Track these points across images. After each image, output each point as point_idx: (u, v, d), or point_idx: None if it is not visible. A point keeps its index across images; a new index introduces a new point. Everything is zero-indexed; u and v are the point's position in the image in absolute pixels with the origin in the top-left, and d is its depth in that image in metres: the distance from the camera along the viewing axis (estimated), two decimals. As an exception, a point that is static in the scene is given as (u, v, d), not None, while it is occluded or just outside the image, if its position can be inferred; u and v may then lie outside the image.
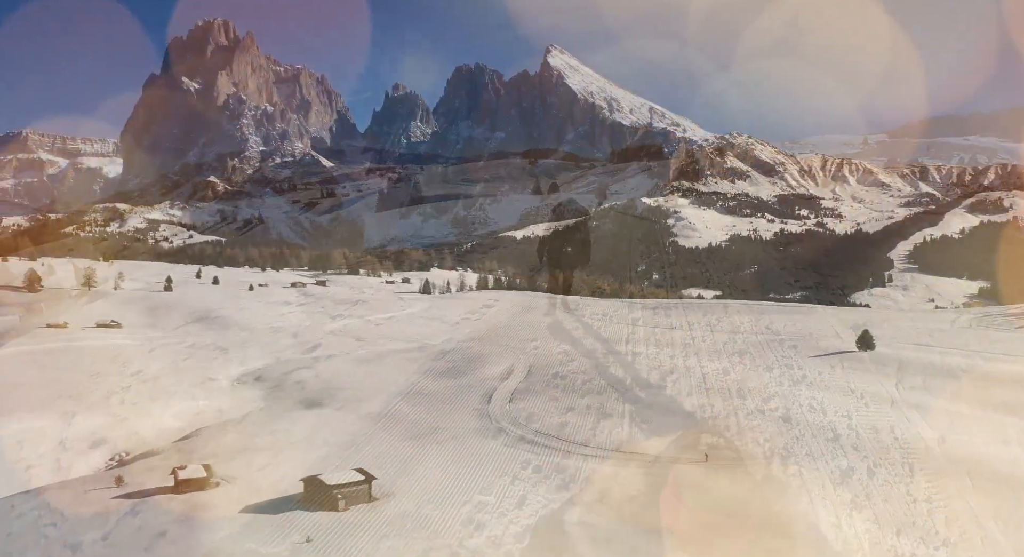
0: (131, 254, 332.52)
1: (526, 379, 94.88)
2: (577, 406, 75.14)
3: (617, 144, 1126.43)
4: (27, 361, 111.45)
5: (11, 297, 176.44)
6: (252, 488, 52.26)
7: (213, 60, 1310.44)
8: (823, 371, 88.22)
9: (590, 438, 63.28)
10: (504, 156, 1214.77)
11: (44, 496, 56.31)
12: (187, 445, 69.47)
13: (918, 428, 64.30)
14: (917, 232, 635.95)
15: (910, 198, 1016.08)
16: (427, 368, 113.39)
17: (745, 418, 66.60)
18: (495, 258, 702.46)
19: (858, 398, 75.25)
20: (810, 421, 65.15)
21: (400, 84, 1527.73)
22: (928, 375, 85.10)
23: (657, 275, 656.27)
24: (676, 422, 67.07)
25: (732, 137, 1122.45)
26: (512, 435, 66.05)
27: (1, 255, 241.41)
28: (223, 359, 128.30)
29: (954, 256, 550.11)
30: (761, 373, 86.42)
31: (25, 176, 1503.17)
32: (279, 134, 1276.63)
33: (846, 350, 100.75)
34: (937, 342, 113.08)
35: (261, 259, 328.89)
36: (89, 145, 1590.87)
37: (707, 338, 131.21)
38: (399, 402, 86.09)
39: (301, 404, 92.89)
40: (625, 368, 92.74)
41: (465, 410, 78.59)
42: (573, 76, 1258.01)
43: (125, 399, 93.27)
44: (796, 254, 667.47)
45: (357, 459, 58.91)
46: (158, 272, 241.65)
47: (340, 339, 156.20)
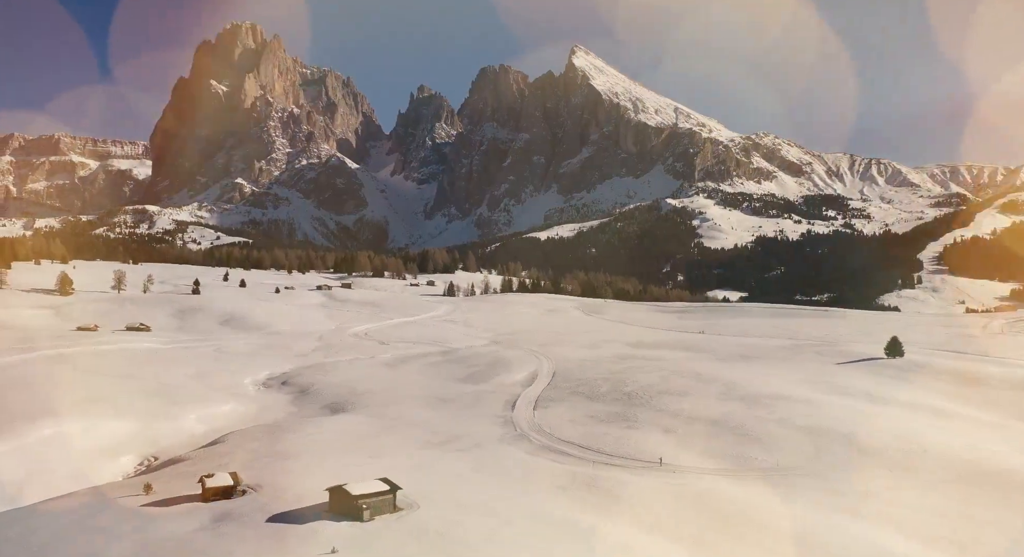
0: (159, 256, 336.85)
1: (550, 385, 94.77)
2: (601, 414, 74.75)
3: (642, 145, 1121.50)
4: (57, 364, 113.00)
5: (44, 300, 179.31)
6: (278, 496, 52.60)
7: (240, 63, 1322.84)
8: (850, 378, 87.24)
9: (616, 448, 62.84)
10: (528, 157, 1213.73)
11: (73, 503, 57.08)
12: (214, 451, 70.07)
13: (948, 438, 63.25)
14: (947, 233, 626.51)
15: (940, 198, 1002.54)
16: (451, 373, 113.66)
17: (771, 427, 65.86)
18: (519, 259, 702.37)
19: (886, 406, 74.19)
20: (837, 430, 64.28)
21: (425, 85, 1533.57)
22: (959, 383, 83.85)
23: (682, 276, 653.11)
24: (702, 430, 66.46)
25: (758, 137, 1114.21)
26: (536, 443, 65.87)
27: (34, 258, 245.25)
28: (249, 363, 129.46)
29: (985, 257, 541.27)
30: (787, 380, 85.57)
31: (57, 178, 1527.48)
32: (305, 136, 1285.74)
33: (874, 356, 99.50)
34: (969, 348, 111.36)
35: (287, 262, 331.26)
36: (119, 147, 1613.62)
37: (732, 343, 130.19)
38: (423, 408, 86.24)
39: (326, 409, 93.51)
40: (649, 374, 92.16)
41: (489, 417, 78.56)
42: (598, 77, 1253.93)
43: (153, 404, 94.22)
44: (823, 256, 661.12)
45: (382, 467, 59.00)
46: (186, 275, 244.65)
47: (364, 342, 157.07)
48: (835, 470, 57.73)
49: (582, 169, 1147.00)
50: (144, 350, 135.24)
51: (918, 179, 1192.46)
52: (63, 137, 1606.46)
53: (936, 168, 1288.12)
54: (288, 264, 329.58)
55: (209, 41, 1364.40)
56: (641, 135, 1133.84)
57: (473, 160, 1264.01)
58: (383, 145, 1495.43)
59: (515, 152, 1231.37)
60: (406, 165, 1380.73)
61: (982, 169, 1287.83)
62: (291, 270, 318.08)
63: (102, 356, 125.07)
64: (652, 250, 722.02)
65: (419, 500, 51.43)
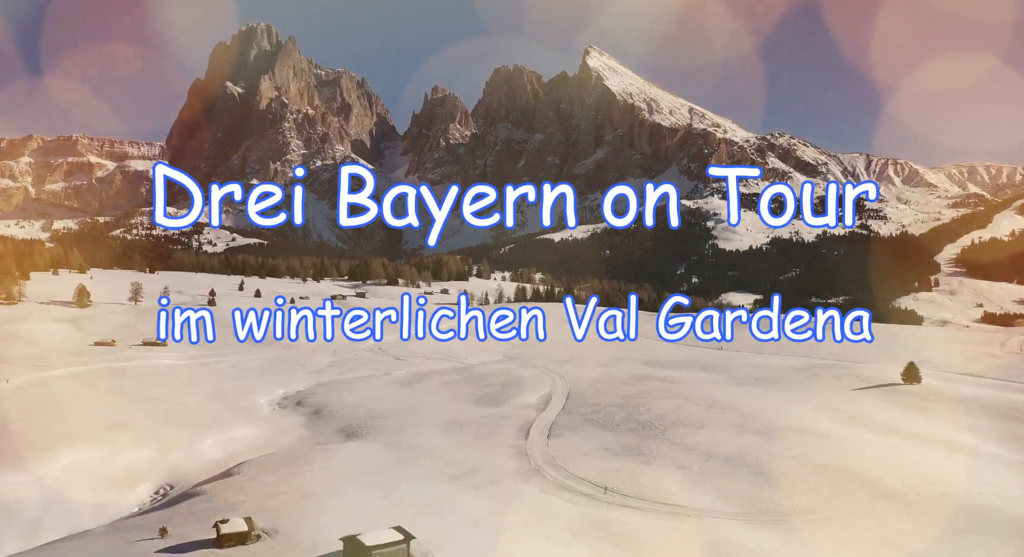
0: (175, 264, 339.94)
1: (563, 410, 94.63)
2: (615, 446, 74.55)
3: (656, 145, 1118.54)
4: (75, 384, 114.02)
5: (62, 312, 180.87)
6: (293, 543, 52.79)
7: (256, 65, 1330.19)
8: (868, 407, 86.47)
9: (630, 486, 62.49)
10: (542, 157, 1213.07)
11: (93, 542, 57.51)
12: (230, 484, 70.27)
13: (969, 479, 62.43)
14: (965, 234, 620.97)
15: (958, 199, 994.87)
16: (465, 394, 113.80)
17: (788, 465, 65.32)
18: (533, 262, 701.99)
19: (905, 441, 73.44)
20: (854, 470, 63.63)
21: (439, 86, 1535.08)
22: (979, 414, 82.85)
23: (697, 278, 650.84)
24: (717, 469, 65.98)
25: (774, 137, 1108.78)
26: (551, 480, 65.70)
27: (52, 267, 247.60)
28: (264, 380, 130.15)
29: (1004, 260, 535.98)
30: (803, 409, 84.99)
31: (75, 179, 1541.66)
32: (320, 137, 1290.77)
33: (891, 382, 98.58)
34: (987, 371, 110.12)
35: (302, 269, 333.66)
36: (136, 148, 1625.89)
37: (747, 362, 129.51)
38: (438, 434, 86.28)
39: (341, 433, 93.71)
40: (664, 400, 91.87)
41: (503, 447, 78.53)
42: (612, 77, 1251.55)
43: (170, 428, 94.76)
44: (839, 258, 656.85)
45: (396, 506, 59.12)
46: (202, 284, 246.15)
47: (378, 357, 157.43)
48: (852, 515, 57.19)
49: (596, 170, 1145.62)
50: (161, 367, 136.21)
51: (935, 179, 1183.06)
52: (81, 138, 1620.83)
53: (954, 168, 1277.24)
54: (303, 272, 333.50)
55: (225, 43, 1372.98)
56: (655, 136, 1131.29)
57: (487, 161, 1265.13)
58: (397, 146, 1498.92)
59: (529, 153, 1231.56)
60: (420, 166, 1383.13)
61: (1000, 169, 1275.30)
62: (305, 278, 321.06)
63: (119, 374, 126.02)
64: (666, 252, 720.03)
65: (433, 548, 51.44)
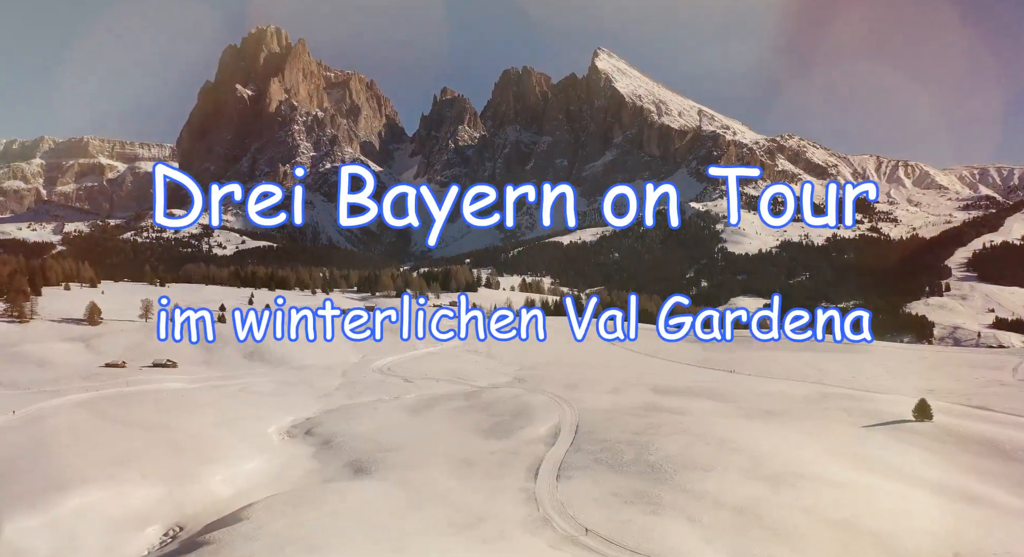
0: (185, 275, 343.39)
1: (572, 446, 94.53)
2: (625, 492, 74.37)
3: (666, 147, 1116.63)
4: (85, 414, 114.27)
5: (74, 331, 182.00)
6: (300, 608, 52.92)
7: (266, 67, 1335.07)
8: (879, 449, 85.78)
9: (639, 541, 62.28)
10: (551, 159, 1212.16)
11: (102, 601, 57.70)
12: (237, 532, 70.25)
13: (983, 536, 61.91)
14: (976, 238, 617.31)
15: (969, 201, 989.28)
16: (475, 423, 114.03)
17: (798, 518, 64.90)
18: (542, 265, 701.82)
19: (917, 490, 72.78)
20: (865, 526, 63.15)
21: (448, 88, 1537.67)
22: (991, 457, 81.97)
23: (706, 282, 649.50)
24: (727, 521, 65.68)
25: (783, 139, 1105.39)
26: (559, 533, 65.69)
27: (64, 281, 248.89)
28: (273, 405, 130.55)
29: (1016, 264, 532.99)
30: (814, 451, 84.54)
31: (86, 180, 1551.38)
32: (329, 139, 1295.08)
33: (903, 418, 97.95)
34: (1000, 405, 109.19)
35: (312, 281, 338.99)
36: (147, 150, 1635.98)
37: (758, 390, 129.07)
38: (447, 474, 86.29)
39: (349, 468, 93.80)
40: (673, 438, 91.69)
41: (512, 490, 78.57)
42: (621, 79, 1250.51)
43: (180, 462, 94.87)
44: (849, 261, 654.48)
45: (404, 562, 59.19)
46: (212, 298, 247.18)
47: (387, 379, 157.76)
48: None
49: (605, 172, 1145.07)
50: (171, 391, 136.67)
51: (946, 181, 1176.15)
52: (91, 139, 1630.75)
53: (965, 170, 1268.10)
54: (312, 284, 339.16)
55: (234, 45, 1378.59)
56: (665, 138, 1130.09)
57: (496, 163, 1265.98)
58: (406, 148, 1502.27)
59: (538, 155, 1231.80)
60: (429, 168, 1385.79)
61: (1012, 171, 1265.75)
62: (315, 290, 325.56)
63: (130, 400, 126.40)
64: (675, 255, 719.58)
65: (441, 615, 51.50)
